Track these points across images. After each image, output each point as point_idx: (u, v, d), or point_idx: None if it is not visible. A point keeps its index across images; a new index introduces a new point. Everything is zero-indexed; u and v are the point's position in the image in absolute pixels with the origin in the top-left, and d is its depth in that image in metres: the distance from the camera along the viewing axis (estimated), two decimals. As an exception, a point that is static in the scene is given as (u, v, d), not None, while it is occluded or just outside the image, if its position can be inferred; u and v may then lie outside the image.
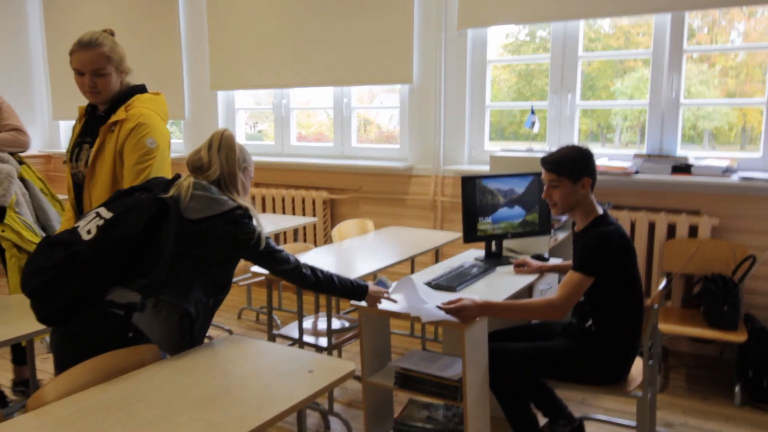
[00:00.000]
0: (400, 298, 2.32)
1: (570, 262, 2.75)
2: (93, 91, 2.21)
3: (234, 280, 3.86)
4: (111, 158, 2.18)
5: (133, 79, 2.35)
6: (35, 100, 6.35)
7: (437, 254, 3.61)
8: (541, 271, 2.71)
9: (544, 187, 2.36)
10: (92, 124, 2.28)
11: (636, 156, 3.57)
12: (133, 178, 2.14)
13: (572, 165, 2.29)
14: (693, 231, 3.42)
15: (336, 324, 3.07)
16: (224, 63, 5.01)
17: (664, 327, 3.05)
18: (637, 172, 3.50)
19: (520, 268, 2.73)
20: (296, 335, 2.91)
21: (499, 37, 4.16)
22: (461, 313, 2.11)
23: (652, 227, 3.52)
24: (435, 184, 4.20)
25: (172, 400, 1.59)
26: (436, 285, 2.50)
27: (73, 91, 6.39)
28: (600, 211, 2.33)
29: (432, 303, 2.27)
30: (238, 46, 4.92)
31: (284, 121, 4.95)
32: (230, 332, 4.01)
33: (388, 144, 4.67)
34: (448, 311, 2.13)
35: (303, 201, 4.68)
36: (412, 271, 3.62)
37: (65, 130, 6.47)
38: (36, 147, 6.39)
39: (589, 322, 2.30)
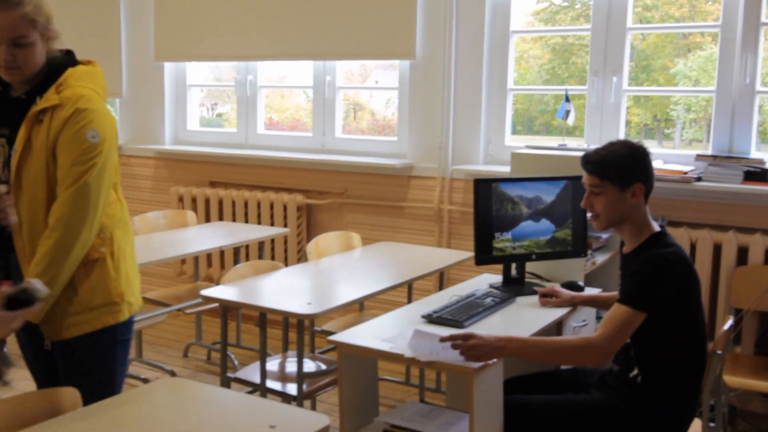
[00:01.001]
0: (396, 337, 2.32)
1: (614, 294, 2.77)
2: (10, 66, 2.04)
3: (179, 306, 3.87)
4: (42, 159, 2.05)
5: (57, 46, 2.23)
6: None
7: (442, 279, 3.62)
8: (574, 304, 2.73)
9: (585, 194, 2.38)
10: (7, 112, 2.12)
11: (698, 157, 3.60)
12: (70, 182, 2.02)
13: (621, 167, 2.31)
14: (770, 256, 3.45)
15: (310, 366, 3.08)
16: (173, 28, 5.03)
17: (731, 380, 3.07)
18: (699, 179, 3.53)
19: (547, 299, 2.74)
20: (257, 379, 2.91)
21: (527, 1, 4.20)
22: (473, 351, 2.12)
23: (717, 250, 3.54)
24: (441, 189, 4.22)
25: (91, 461, 1.58)
26: (437, 318, 2.51)
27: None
28: (656, 227, 2.34)
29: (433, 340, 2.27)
30: (191, 6, 4.93)
31: (249, 102, 4.97)
32: (173, 374, 4.00)
33: (383, 136, 4.69)
34: (454, 346, 2.13)
35: (271, 206, 4.68)
36: (410, 300, 3.63)
37: None
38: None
39: (635, 372, 2.30)
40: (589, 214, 2.42)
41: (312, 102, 4.76)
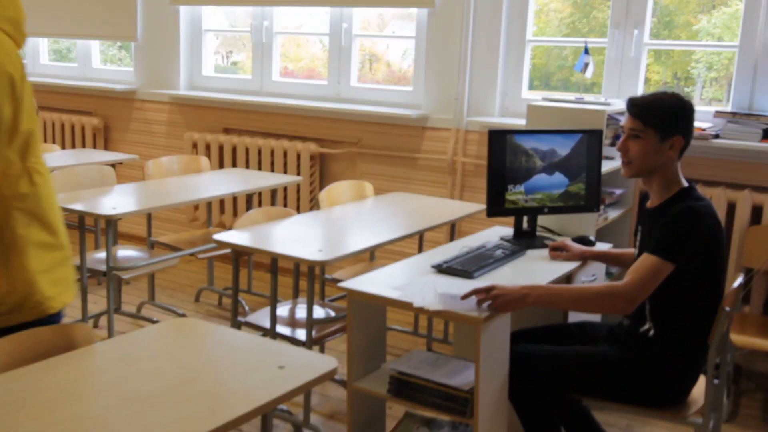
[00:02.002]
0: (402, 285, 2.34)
1: (625, 250, 2.77)
2: None
3: (192, 251, 3.91)
4: None
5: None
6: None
7: (453, 230, 3.63)
8: (584, 258, 2.73)
9: (621, 137, 2.38)
10: None
11: (717, 114, 3.55)
12: None
13: (666, 115, 2.31)
14: (785, 216, 3.43)
15: (320, 313, 3.11)
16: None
17: (738, 338, 3.08)
18: (717, 136, 3.49)
19: (558, 252, 2.75)
20: (267, 324, 2.95)
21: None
22: (498, 300, 2.14)
23: (731, 208, 3.52)
24: (456, 140, 4.20)
25: (101, 395, 1.62)
26: (447, 268, 2.52)
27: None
28: (685, 183, 2.34)
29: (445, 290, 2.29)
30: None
31: (265, 49, 4.93)
32: (184, 317, 4.06)
33: (398, 86, 4.65)
34: (479, 301, 2.15)
35: (285, 154, 4.68)
36: (420, 250, 3.65)
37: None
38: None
39: (647, 326, 2.32)
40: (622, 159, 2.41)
41: (328, 51, 4.72)
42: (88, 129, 5.48)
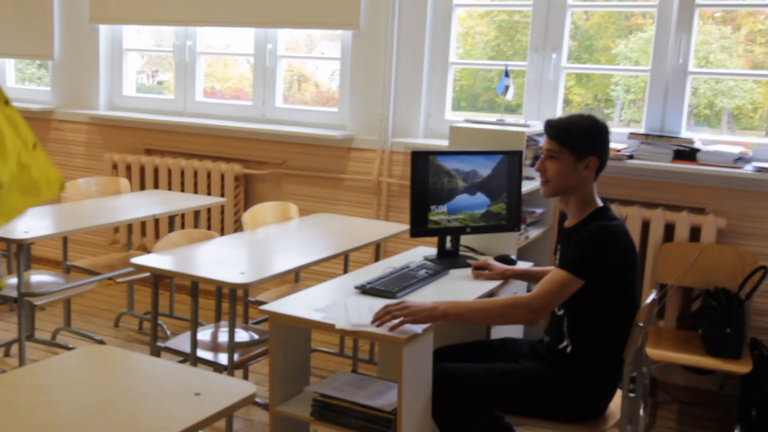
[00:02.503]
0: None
1: (546, 268, 2.83)
2: None
3: (110, 275, 3.80)
4: None
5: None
6: None
7: (378, 251, 3.64)
8: (506, 277, 2.78)
9: (540, 157, 2.43)
10: None
11: (632, 136, 3.69)
12: None
13: (581, 137, 2.37)
14: (695, 233, 3.57)
15: (243, 336, 3.07)
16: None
17: (653, 352, 3.18)
18: (631, 157, 3.62)
19: (480, 271, 2.78)
20: (188, 349, 2.88)
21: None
22: (407, 312, 2.15)
23: (646, 226, 3.64)
24: (381, 161, 4.23)
25: (8, 428, 1.55)
26: (371, 289, 2.52)
27: None
28: (600, 203, 2.40)
29: (361, 311, 2.29)
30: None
31: (188, 69, 4.87)
32: (102, 343, 3.93)
33: (324, 107, 4.66)
34: (387, 316, 2.15)
35: (209, 175, 4.62)
36: (345, 271, 3.64)
37: None
38: None
39: (565, 343, 2.37)
40: (540, 179, 2.47)
41: (253, 70, 4.69)
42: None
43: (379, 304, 2.36)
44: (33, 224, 3.27)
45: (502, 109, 4.01)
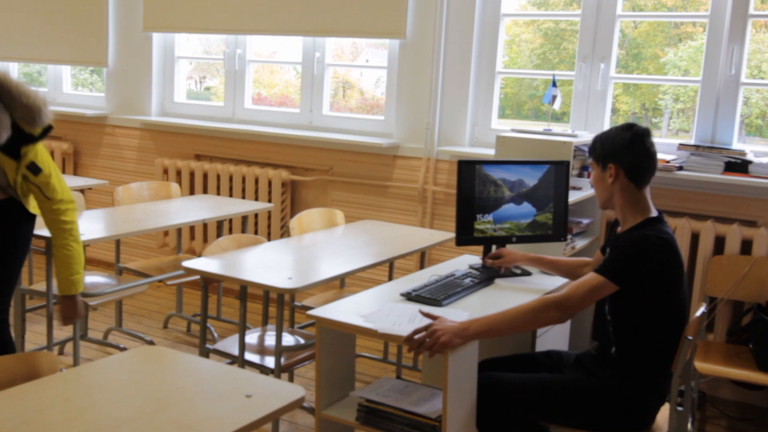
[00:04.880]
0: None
1: (577, 259, 2.81)
2: None
3: (160, 277, 3.88)
4: None
5: (48, 17, 2.44)
6: None
7: (423, 258, 3.66)
8: (522, 263, 2.83)
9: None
10: None
11: (681, 147, 3.64)
12: None
13: (601, 146, 2.41)
14: (746, 246, 3.50)
15: (289, 340, 3.11)
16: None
17: (702, 366, 3.13)
18: (681, 168, 3.57)
19: (492, 260, 2.87)
20: (236, 351, 2.94)
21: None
22: (439, 339, 2.14)
23: (695, 239, 3.59)
24: (426, 170, 4.25)
25: (66, 424, 1.61)
26: (416, 296, 2.54)
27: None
28: (654, 213, 2.39)
29: (406, 319, 2.31)
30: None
31: (238, 77, 4.96)
32: (152, 344, 4.02)
33: (370, 115, 4.70)
34: (413, 347, 2.16)
35: (256, 181, 4.69)
36: (390, 278, 3.67)
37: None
38: None
39: (612, 348, 2.35)
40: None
41: (301, 78, 4.76)
42: (57, 154, 5.45)
43: (423, 311, 2.38)
44: (87, 227, 3.37)
45: (548, 117, 4.00)
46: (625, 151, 2.37)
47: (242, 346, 2.91)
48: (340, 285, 3.81)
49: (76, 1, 5.32)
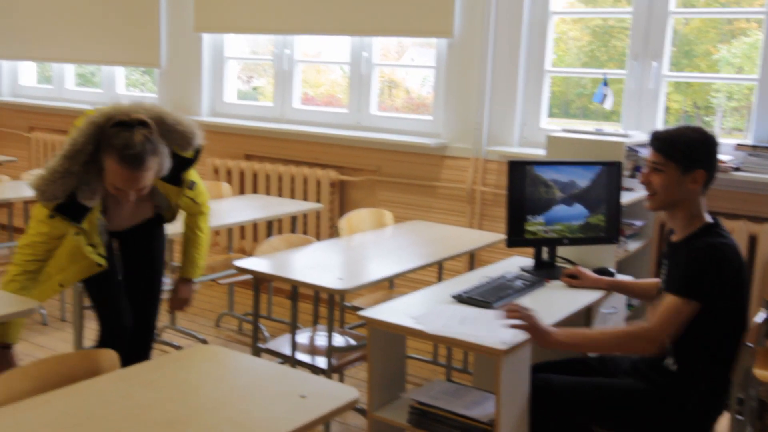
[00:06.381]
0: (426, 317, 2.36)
1: (646, 281, 2.77)
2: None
3: (212, 276, 3.94)
4: None
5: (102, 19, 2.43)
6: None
7: (472, 259, 3.64)
8: (601, 288, 2.73)
9: (644, 170, 2.40)
10: None
11: (739, 147, 3.56)
12: None
13: (688, 149, 2.32)
14: (806, 249, 3.41)
15: (339, 341, 3.13)
16: (214, -1, 5.07)
17: (762, 374, 3.05)
18: (737, 169, 3.49)
19: (570, 279, 2.76)
20: (287, 351, 2.97)
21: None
22: (530, 321, 2.21)
23: (753, 241, 3.51)
24: (475, 170, 4.23)
25: (127, 420, 1.65)
26: (468, 298, 2.54)
27: (20, 27, 6.44)
28: (709, 218, 2.34)
29: (456, 321, 2.31)
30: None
31: (286, 77, 5.00)
32: (205, 342, 4.09)
33: (417, 114, 4.70)
34: (511, 311, 2.24)
35: (305, 181, 4.73)
36: (440, 279, 3.67)
37: (7, 73, 6.59)
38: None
39: (670, 360, 2.31)
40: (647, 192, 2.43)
41: (348, 78, 4.78)
42: (111, 154, 5.56)
43: (474, 314, 2.37)
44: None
45: (597, 115, 3.94)
46: (713, 158, 2.34)
47: (294, 346, 2.94)
48: (389, 285, 3.82)
49: (129, 3, 5.43)
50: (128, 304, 2.80)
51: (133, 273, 2.85)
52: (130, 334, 2.78)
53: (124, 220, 2.74)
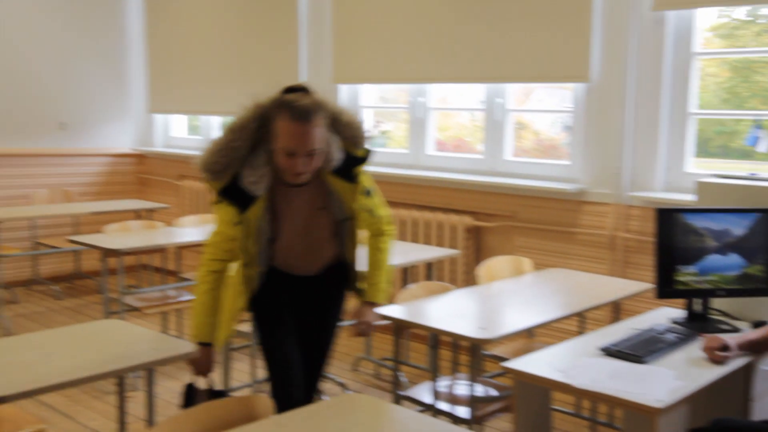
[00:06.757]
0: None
1: None
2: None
3: (352, 322, 4.01)
4: None
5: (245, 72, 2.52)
6: (131, 91, 7.02)
7: (617, 310, 3.53)
8: (752, 349, 2.48)
9: None
10: None
11: None
12: None
13: None
14: None
15: (479, 390, 3.10)
16: (350, 51, 5.25)
17: None
18: None
19: (718, 354, 2.39)
20: (427, 399, 2.97)
21: (706, 17, 4.00)
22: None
23: None
24: (616, 216, 4.11)
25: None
26: (617, 352, 2.45)
27: (173, 82, 6.92)
28: None
29: (606, 375, 2.24)
30: (367, 31, 5.14)
31: (420, 124, 5.09)
32: (344, 386, 4.16)
33: (548, 159, 4.64)
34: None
35: (439, 227, 4.76)
36: (582, 329, 3.57)
37: (161, 126, 7.09)
38: (127, 144, 7.05)
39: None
40: None
41: (474, 121, 4.79)
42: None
43: (624, 369, 2.29)
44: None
45: (739, 154, 3.75)
46: None
47: (435, 395, 2.94)
48: (529, 334, 3.76)
49: (271, 53, 5.72)
50: (299, 354, 2.67)
51: (307, 317, 2.74)
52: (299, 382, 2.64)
53: (296, 229, 2.59)
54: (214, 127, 6.62)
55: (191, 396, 2.62)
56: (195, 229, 4.73)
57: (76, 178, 6.69)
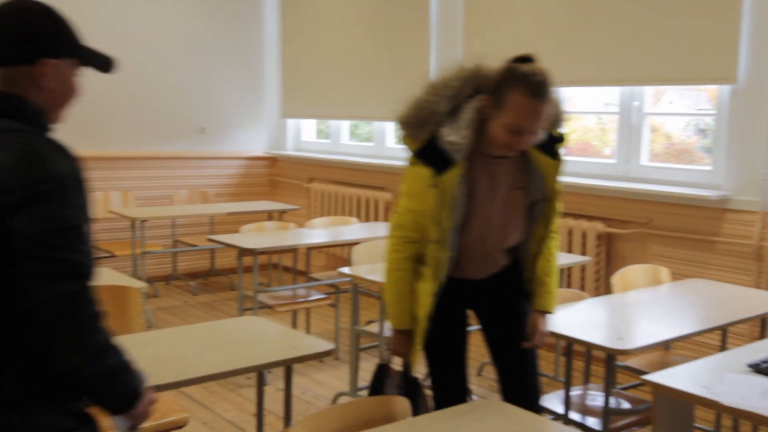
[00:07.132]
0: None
1: None
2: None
3: (476, 327, 4.00)
4: None
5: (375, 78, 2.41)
6: (265, 97, 7.30)
7: (764, 325, 3.33)
8: None
9: None
10: None
11: None
12: None
13: None
14: None
15: (611, 402, 3.01)
16: (483, 51, 5.22)
17: None
18: None
19: None
20: (558, 408, 2.91)
21: None
22: None
23: None
24: (763, 224, 3.88)
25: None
26: (765, 369, 2.32)
27: (304, 88, 7.15)
28: None
29: (757, 393, 2.11)
30: (499, 30, 5.10)
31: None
32: (469, 392, 4.13)
33: (680, 163, 4.45)
34: None
35: (570, 233, 4.66)
36: (724, 346, 3.39)
37: (292, 130, 7.33)
38: (261, 147, 7.33)
39: None
40: None
41: (613, 126, 4.66)
42: (381, 203, 5.93)
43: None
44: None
45: None
46: None
47: (568, 404, 2.88)
48: (665, 347, 3.61)
49: (403, 57, 5.79)
50: (465, 377, 2.65)
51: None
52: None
53: (493, 209, 2.40)
54: (343, 131, 6.78)
55: (382, 376, 2.56)
56: (324, 230, 4.85)
57: (213, 179, 7.02)
